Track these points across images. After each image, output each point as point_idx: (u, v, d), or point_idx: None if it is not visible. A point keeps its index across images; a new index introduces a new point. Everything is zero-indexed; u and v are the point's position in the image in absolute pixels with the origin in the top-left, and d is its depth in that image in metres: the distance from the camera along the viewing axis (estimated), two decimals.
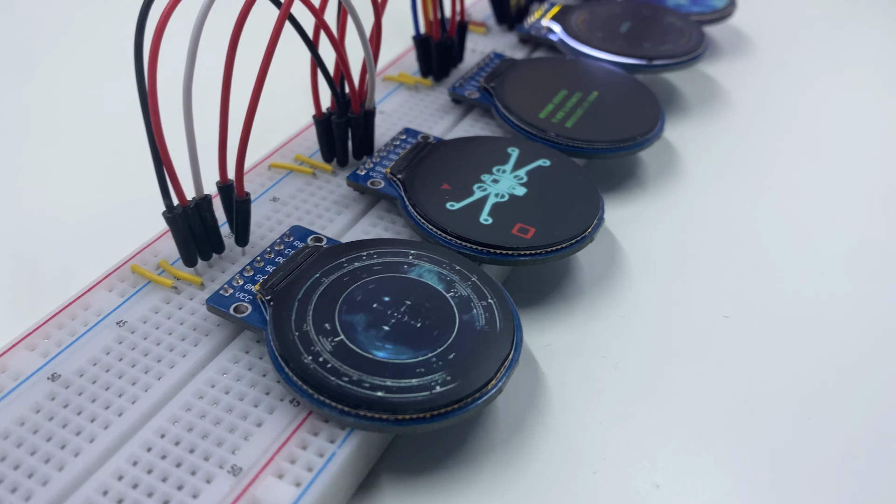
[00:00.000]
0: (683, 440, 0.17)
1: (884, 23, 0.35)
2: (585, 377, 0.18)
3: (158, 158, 0.17)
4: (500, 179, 0.21)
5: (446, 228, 0.19)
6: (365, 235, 0.20)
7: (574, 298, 0.20)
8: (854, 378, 0.18)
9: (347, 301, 0.17)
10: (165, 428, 0.15)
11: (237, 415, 0.15)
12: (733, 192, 0.24)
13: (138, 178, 0.21)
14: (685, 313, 0.20)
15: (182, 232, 0.18)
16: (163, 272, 0.18)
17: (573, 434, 0.17)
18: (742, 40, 0.33)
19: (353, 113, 0.21)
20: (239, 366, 0.16)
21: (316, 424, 0.15)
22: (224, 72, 0.17)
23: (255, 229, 0.20)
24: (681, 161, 0.25)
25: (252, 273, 0.18)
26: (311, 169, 0.22)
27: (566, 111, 0.24)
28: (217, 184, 0.18)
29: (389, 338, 0.16)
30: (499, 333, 0.16)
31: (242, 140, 0.18)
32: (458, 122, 0.25)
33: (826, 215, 0.23)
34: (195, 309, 0.18)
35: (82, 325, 0.17)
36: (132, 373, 0.16)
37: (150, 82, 0.16)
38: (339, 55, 0.20)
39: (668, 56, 0.26)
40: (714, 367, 0.18)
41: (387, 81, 0.26)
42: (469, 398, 0.15)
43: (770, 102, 0.29)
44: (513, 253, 0.19)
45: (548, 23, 0.28)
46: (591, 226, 0.19)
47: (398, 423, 0.15)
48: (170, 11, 0.16)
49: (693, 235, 0.22)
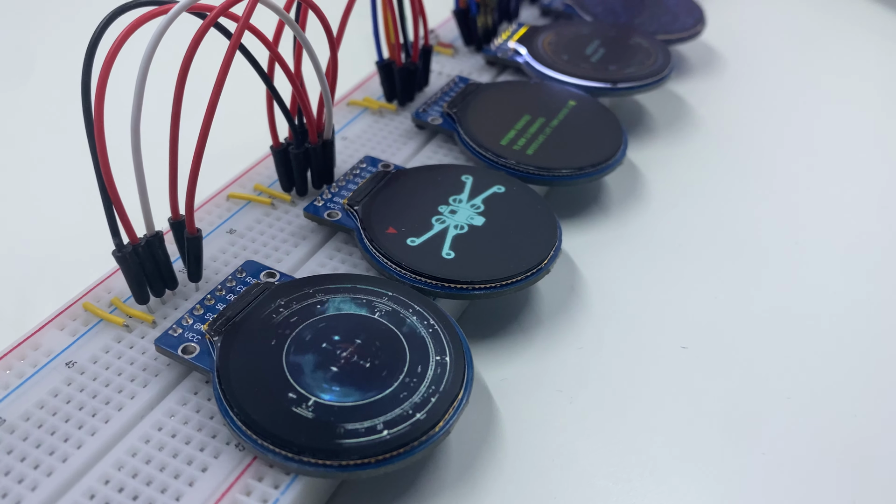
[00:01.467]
0: (638, 478, 0.17)
1: (853, 39, 0.36)
2: (540, 412, 0.18)
3: (107, 198, 0.17)
4: (457, 210, 0.21)
5: (401, 262, 0.19)
6: (320, 268, 0.20)
7: (532, 329, 0.20)
8: (811, 412, 0.18)
9: (296, 341, 0.17)
10: (110, 474, 0.15)
11: (182, 459, 0.15)
12: (698, 216, 0.24)
13: (95, 209, 0.21)
14: (643, 344, 0.20)
15: (133, 270, 0.18)
16: (114, 310, 0.18)
17: (525, 473, 0.17)
18: (713, 57, 0.33)
19: (311, 143, 0.21)
20: (187, 408, 0.16)
21: (261, 469, 0.15)
22: (172, 108, 0.17)
23: (209, 263, 0.20)
24: (646, 184, 0.25)
25: (202, 311, 0.17)
26: (270, 199, 0.22)
27: (528, 137, 0.23)
28: (168, 220, 0.18)
29: (337, 379, 0.16)
30: (449, 373, 0.16)
31: (192, 175, 0.17)
32: (422, 147, 0.24)
33: (791, 239, 0.23)
34: (146, 348, 0.17)
35: (31, 367, 0.17)
36: (79, 416, 0.16)
37: (98, 121, 0.16)
38: (294, 88, 0.20)
39: (634, 79, 0.26)
40: (671, 401, 0.18)
41: (351, 106, 0.26)
42: (416, 441, 0.15)
43: (738, 121, 0.29)
44: (467, 287, 0.18)
45: (514, 45, 0.28)
46: (547, 256, 0.19)
47: (342, 469, 0.15)
48: (114, 54, 0.16)
49: (655, 262, 0.22)
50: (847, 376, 0.19)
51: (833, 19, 0.37)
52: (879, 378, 0.19)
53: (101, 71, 0.16)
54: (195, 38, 0.17)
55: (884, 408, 0.18)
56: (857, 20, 0.37)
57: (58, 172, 0.26)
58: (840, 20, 0.37)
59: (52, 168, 0.27)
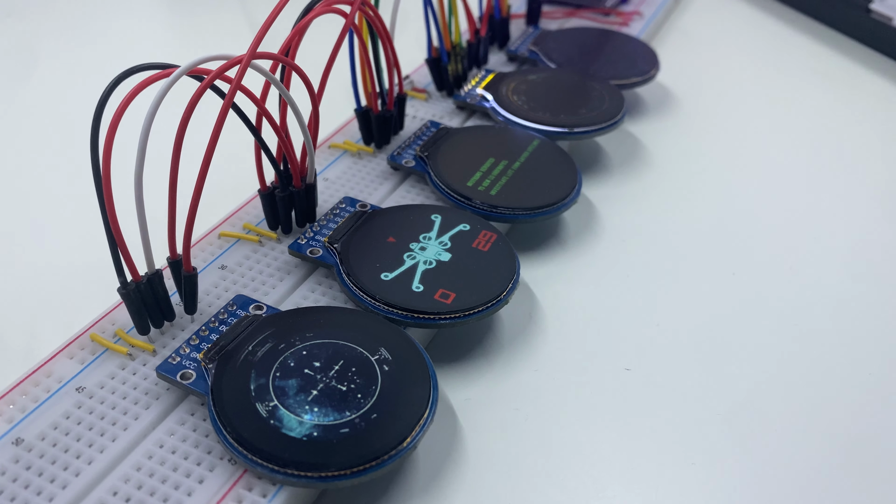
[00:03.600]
0: (582, 486, 0.19)
1: (796, 78, 0.39)
2: (499, 429, 0.20)
3: (113, 242, 0.19)
4: (427, 247, 0.23)
5: (375, 295, 0.21)
6: (303, 301, 0.22)
7: (493, 354, 0.22)
8: (753, 435, 0.20)
9: (281, 367, 0.19)
10: (117, 486, 0.17)
11: (182, 473, 0.17)
12: (650, 251, 0.26)
13: (97, 243, 0.23)
14: (592, 366, 0.22)
15: (136, 304, 0.20)
16: (119, 340, 0.20)
17: (485, 481, 0.19)
18: (666, 98, 0.36)
19: (295, 187, 0.23)
20: (185, 427, 0.18)
21: (250, 481, 0.17)
22: (171, 160, 0.19)
23: (203, 297, 0.22)
24: (600, 220, 0.28)
25: (198, 342, 0.20)
26: (258, 237, 0.24)
27: (492, 178, 0.26)
28: (167, 259, 0.20)
29: (317, 401, 0.18)
30: (415, 394, 0.18)
31: (189, 221, 0.20)
32: (396, 187, 0.27)
33: (728, 271, 0.26)
34: (147, 374, 0.20)
35: (45, 392, 0.19)
36: (89, 435, 0.18)
37: (105, 174, 0.18)
38: (280, 139, 0.22)
39: (589, 123, 0.29)
40: (614, 417, 0.21)
41: (332, 149, 0.28)
42: (386, 455, 0.17)
43: (688, 158, 0.32)
44: (434, 317, 0.21)
45: (482, 91, 0.31)
46: (506, 289, 0.22)
47: (322, 480, 0.17)
48: (123, 110, 0.19)
49: (606, 292, 0.25)
50: (791, 408, 0.21)
51: (777, 61, 0.40)
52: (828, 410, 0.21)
53: (108, 130, 0.18)
54: (193, 98, 0.19)
55: (837, 429, 0.21)
56: (799, 62, 0.40)
57: (62, 213, 0.29)
58: (783, 61, 0.40)
59: (57, 209, 0.29)
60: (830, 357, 0.23)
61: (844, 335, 0.23)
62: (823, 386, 0.22)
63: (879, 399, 0.21)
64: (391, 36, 0.27)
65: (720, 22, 0.45)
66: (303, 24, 0.22)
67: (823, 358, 0.23)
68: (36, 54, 0.41)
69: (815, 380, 0.22)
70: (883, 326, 0.24)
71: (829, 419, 0.21)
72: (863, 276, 0.26)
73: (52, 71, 0.40)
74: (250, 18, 0.46)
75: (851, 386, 0.22)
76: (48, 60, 0.41)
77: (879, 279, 0.26)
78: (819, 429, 0.20)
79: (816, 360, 0.22)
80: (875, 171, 0.31)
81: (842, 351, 0.23)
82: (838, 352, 0.23)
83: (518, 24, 0.38)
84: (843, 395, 0.21)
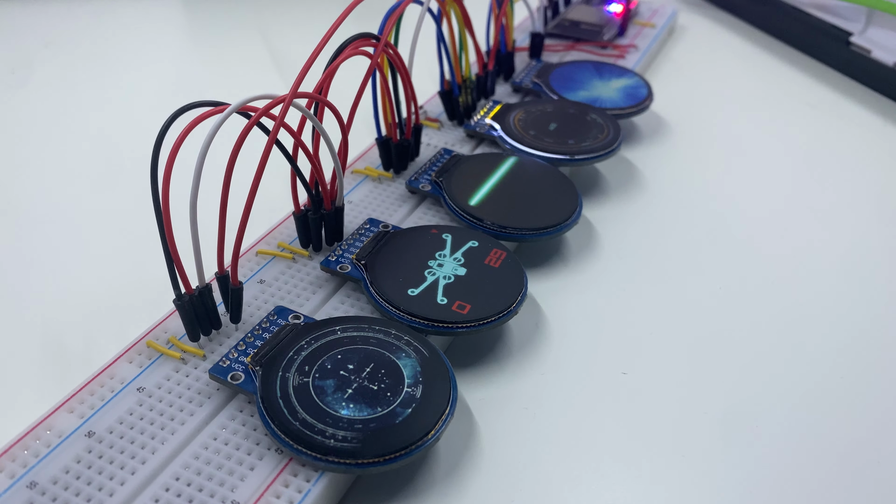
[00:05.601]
0: (587, 482, 0.21)
1: (783, 104, 0.41)
2: (510, 425, 0.23)
3: (170, 259, 0.22)
4: (443, 263, 0.26)
5: (399, 306, 0.24)
6: (335, 311, 0.25)
7: (504, 359, 0.25)
8: (737, 431, 0.23)
9: (320, 369, 0.21)
10: (179, 472, 0.20)
11: (234, 461, 0.20)
12: (644, 267, 0.29)
13: (148, 263, 0.26)
14: (592, 370, 0.25)
15: (188, 314, 0.22)
16: (172, 346, 0.23)
17: (498, 472, 0.21)
18: (660, 126, 0.38)
19: (326, 209, 0.26)
20: (235, 422, 0.21)
21: (295, 468, 0.20)
22: (222, 190, 0.22)
23: (245, 308, 0.24)
24: (599, 239, 0.30)
25: (244, 347, 0.22)
26: (291, 255, 0.26)
27: (500, 201, 0.29)
28: (216, 274, 0.23)
29: (352, 398, 0.21)
30: (437, 393, 0.21)
31: (237, 242, 0.22)
32: (414, 209, 0.29)
33: (715, 285, 0.28)
34: (199, 377, 0.22)
35: (109, 392, 0.22)
36: (151, 429, 0.21)
37: (164, 203, 0.21)
38: (313, 166, 0.25)
39: (588, 151, 0.31)
40: (614, 417, 0.23)
41: (355, 174, 0.31)
42: (413, 445, 0.20)
43: (681, 181, 0.34)
44: (452, 325, 0.23)
45: (490, 121, 0.33)
46: (515, 301, 0.24)
47: (358, 466, 0.19)
48: (179, 144, 0.21)
49: (605, 303, 0.27)
50: (775, 416, 0.24)
51: (764, 90, 0.43)
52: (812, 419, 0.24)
53: (167, 161, 0.21)
54: (242, 134, 0.22)
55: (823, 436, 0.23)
56: (785, 91, 0.43)
57: (116, 232, 0.31)
58: (770, 90, 0.43)
59: (111, 227, 0.32)
60: (806, 367, 0.25)
61: (822, 350, 0.26)
62: (806, 390, 0.24)
63: (862, 407, 0.24)
64: (409, 72, 0.30)
65: (711, 53, 0.48)
66: (334, 65, 0.25)
67: (801, 365, 0.25)
68: (74, 84, 0.44)
69: (797, 384, 0.24)
70: (862, 337, 0.26)
71: (812, 424, 0.23)
72: (847, 293, 0.28)
73: (95, 99, 0.42)
74: (270, 46, 0.49)
75: (834, 393, 0.24)
76: (88, 90, 0.44)
77: (864, 297, 0.28)
78: (804, 431, 0.23)
79: (794, 365, 0.25)
80: (858, 194, 0.34)
81: (820, 363, 0.25)
82: (817, 363, 0.25)
83: (522, 56, 0.41)
84: (825, 401, 0.24)
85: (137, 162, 0.29)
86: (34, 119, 0.41)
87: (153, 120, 0.23)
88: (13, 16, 0.54)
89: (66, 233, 0.31)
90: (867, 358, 0.25)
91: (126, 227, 0.31)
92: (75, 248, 0.31)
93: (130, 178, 0.34)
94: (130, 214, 0.31)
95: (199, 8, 0.57)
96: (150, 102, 0.42)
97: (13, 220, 0.32)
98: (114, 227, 0.32)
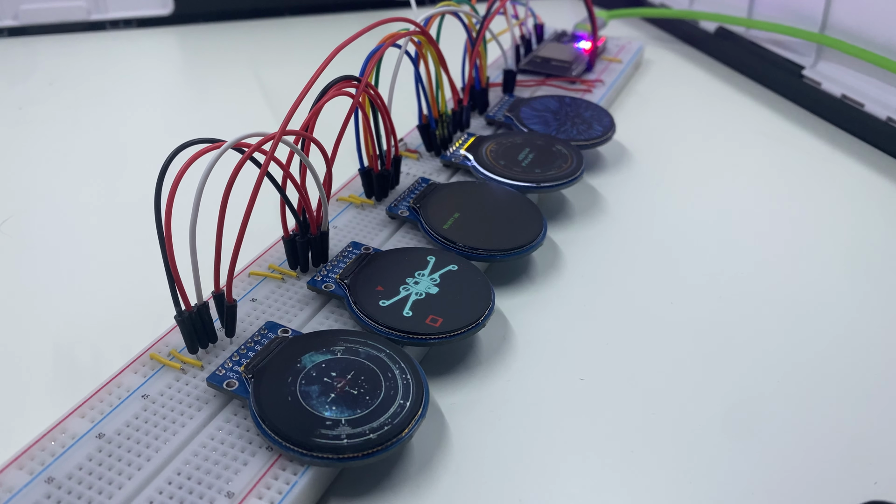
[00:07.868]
0: (548, 477, 0.24)
1: (741, 133, 0.45)
2: (478, 427, 0.25)
3: (172, 279, 0.24)
4: (419, 282, 0.28)
5: (378, 320, 0.26)
6: (320, 326, 0.27)
7: (474, 367, 0.27)
8: (671, 430, 0.26)
9: (306, 377, 0.24)
10: (181, 468, 0.22)
11: (230, 458, 0.22)
12: (604, 285, 0.32)
13: (151, 283, 0.28)
14: (553, 377, 0.27)
15: (187, 329, 0.25)
16: (173, 358, 0.25)
17: (467, 468, 0.24)
18: (623, 155, 0.42)
19: (312, 234, 0.29)
20: (230, 424, 0.23)
21: (284, 463, 0.22)
22: (218, 218, 0.24)
23: (239, 323, 0.27)
24: (563, 259, 0.33)
25: (238, 358, 0.25)
26: (281, 275, 0.29)
27: (470, 225, 0.31)
28: (212, 293, 0.26)
29: (335, 402, 0.23)
30: (412, 397, 0.24)
31: (232, 263, 0.25)
32: (394, 233, 0.32)
33: (667, 300, 0.31)
34: (197, 384, 0.25)
35: (117, 398, 0.24)
36: (155, 431, 0.23)
37: (167, 230, 0.24)
38: (300, 195, 0.28)
39: (553, 179, 0.34)
40: (572, 421, 0.26)
41: (340, 201, 0.34)
42: (389, 442, 0.22)
43: (639, 207, 0.37)
44: (426, 337, 0.26)
45: (464, 152, 0.36)
46: (483, 315, 0.27)
47: (340, 461, 0.22)
48: (180, 177, 0.24)
49: (566, 318, 0.30)
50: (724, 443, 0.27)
51: (723, 120, 0.47)
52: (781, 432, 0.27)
53: (168, 193, 0.23)
54: (236, 168, 0.25)
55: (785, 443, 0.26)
56: (742, 121, 0.46)
57: (121, 257, 0.34)
58: (728, 121, 0.46)
59: (116, 253, 0.34)
60: (750, 377, 0.28)
61: (769, 365, 0.29)
62: (748, 398, 0.27)
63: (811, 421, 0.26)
64: (388, 109, 0.33)
65: (674, 86, 0.52)
66: (319, 105, 0.28)
67: (737, 376, 0.28)
68: (76, 119, 0.47)
69: (736, 391, 0.27)
70: (813, 375, 0.29)
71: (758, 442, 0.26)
72: (805, 314, 0.30)
73: (99, 133, 0.45)
74: (261, 82, 0.52)
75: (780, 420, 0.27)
76: (91, 125, 0.46)
77: (820, 319, 0.29)
78: (746, 449, 0.25)
79: (730, 375, 0.28)
80: (807, 215, 0.36)
81: (768, 377, 0.28)
82: (764, 374, 0.28)
83: (496, 91, 0.45)
84: (771, 423, 0.27)
85: (140, 193, 0.31)
86: (42, 151, 0.43)
87: (154, 153, 0.26)
88: (18, 55, 0.57)
89: (75, 259, 0.34)
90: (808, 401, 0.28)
91: (130, 252, 0.34)
92: (84, 272, 0.33)
93: (134, 208, 0.37)
94: (134, 241, 0.34)
95: (193, 46, 0.60)
96: (151, 136, 0.45)
97: (28, 248, 0.35)
98: (119, 253, 0.34)
